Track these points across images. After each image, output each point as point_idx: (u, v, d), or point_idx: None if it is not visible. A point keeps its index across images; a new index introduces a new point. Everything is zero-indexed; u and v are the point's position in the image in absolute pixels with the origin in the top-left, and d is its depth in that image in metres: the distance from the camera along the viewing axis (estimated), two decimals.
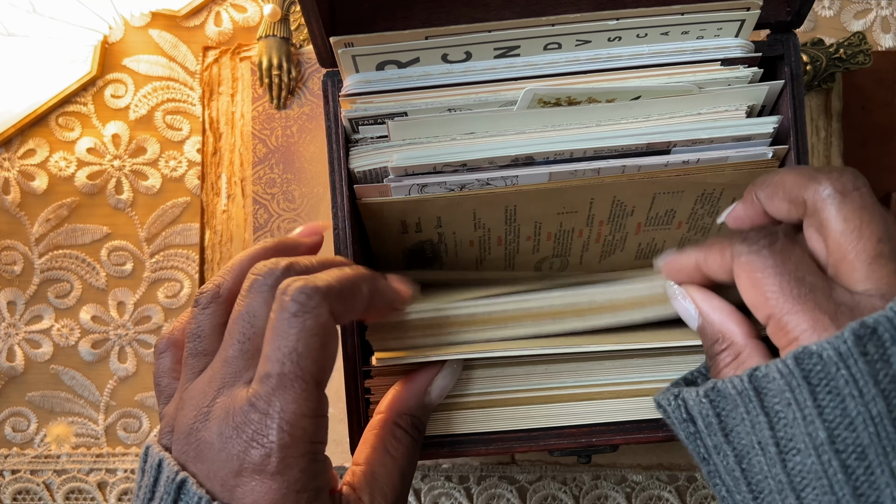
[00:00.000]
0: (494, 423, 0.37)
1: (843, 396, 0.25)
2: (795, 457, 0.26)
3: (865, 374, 0.25)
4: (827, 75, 0.56)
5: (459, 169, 0.37)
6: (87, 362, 0.60)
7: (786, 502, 0.26)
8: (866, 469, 0.25)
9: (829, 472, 0.25)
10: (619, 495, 0.58)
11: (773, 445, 0.26)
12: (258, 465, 0.28)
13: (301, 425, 0.29)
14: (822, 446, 0.25)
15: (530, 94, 0.36)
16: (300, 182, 0.58)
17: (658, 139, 0.36)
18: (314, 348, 0.29)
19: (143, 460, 0.31)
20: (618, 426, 0.37)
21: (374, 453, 0.34)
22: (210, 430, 0.29)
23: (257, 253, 0.33)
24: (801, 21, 0.39)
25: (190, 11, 0.61)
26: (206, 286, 0.32)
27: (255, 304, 0.30)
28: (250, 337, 0.30)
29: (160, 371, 0.34)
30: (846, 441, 0.25)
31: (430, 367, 0.36)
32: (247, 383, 0.30)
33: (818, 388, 0.25)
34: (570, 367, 0.36)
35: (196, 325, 0.32)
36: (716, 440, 0.29)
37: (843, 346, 0.25)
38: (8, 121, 0.59)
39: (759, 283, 0.29)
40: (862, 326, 0.25)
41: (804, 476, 0.26)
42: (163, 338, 0.34)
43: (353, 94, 0.37)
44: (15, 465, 0.59)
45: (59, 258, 0.60)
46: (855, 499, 0.25)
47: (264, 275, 0.30)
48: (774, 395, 0.26)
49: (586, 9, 0.39)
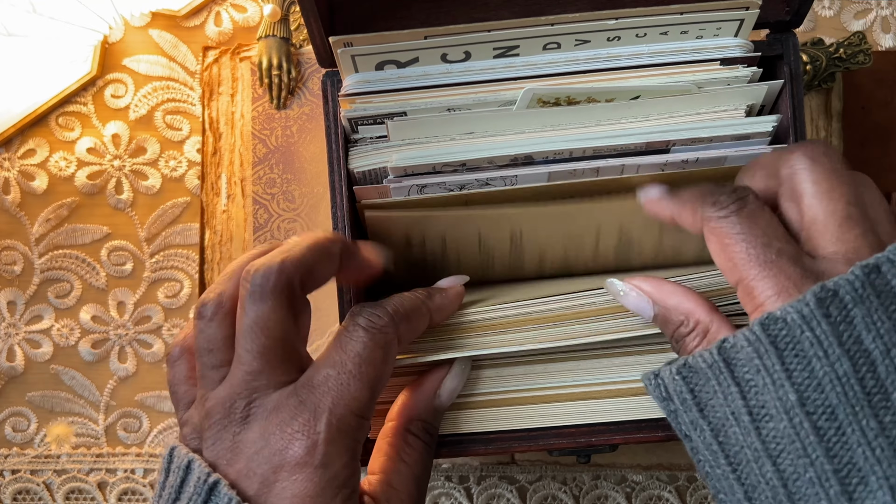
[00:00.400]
0: (494, 423, 0.37)
1: (810, 359, 0.25)
2: (769, 423, 0.26)
3: (829, 336, 0.25)
4: (827, 75, 0.56)
5: (459, 169, 0.37)
6: (87, 362, 0.60)
7: (763, 469, 0.26)
8: (837, 429, 0.25)
9: (802, 435, 0.25)
10: (619, 495, 0.58)
11: (746, 414, 0.27)
12: (302, 457, 0.29)
13: (348, 421, 0.30)
14: (793, 409, 0.25)
15: (529, 93, 0.36)
16: (300, 182, 0.58)
17: (657, 138, 0.36)
18: (377, 358, 0.31)
19: (167, 460, 0.31)
20: (617, 426, 0.37)
21: (388, 462, 0.34)
22: (250, 430, 0.30)
23: (251, 257, 0.33)
24: (800, 21, 0.39)
25: (190, 11, 0.61)
26: (208, 297, 0.32)
27: (261, 311, 0.30)
28: (268, 344, 0.30)
29: (176, 379, 0.34)
30: (816, 402, 0.25)
31: (437, 370, 0.36)
32: (280, 386, 0.30)
33: (785, 352, 0.26)
34: (569, 366, 0.36)
35: (205, 339, 0.32)
36: (692, 416, 0.29)
37: (806, 309, 0.25)
38: (8, 121, 0.59)
39: (727, 249, 0.29)
40: (823, 290, 0.25)
41: (778, 441, 0.26)
42: (175, 345, 0.34)
43: (352, 94, 0.37)
44: (15, 465, 0.59)
45: (59, 258, 0.60)
46: (828, 459, 0.25)
47: (260, 281, 0.30)
48: (744, 364, 0.27)
49: (585, 8, 0.39)
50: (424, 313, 0.34)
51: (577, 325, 0.35)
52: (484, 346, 0.35)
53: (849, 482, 0.24)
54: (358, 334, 0.31)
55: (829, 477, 0.25)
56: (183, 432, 0.32)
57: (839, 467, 0.25)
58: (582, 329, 0.35)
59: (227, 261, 0.58)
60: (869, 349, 0.25)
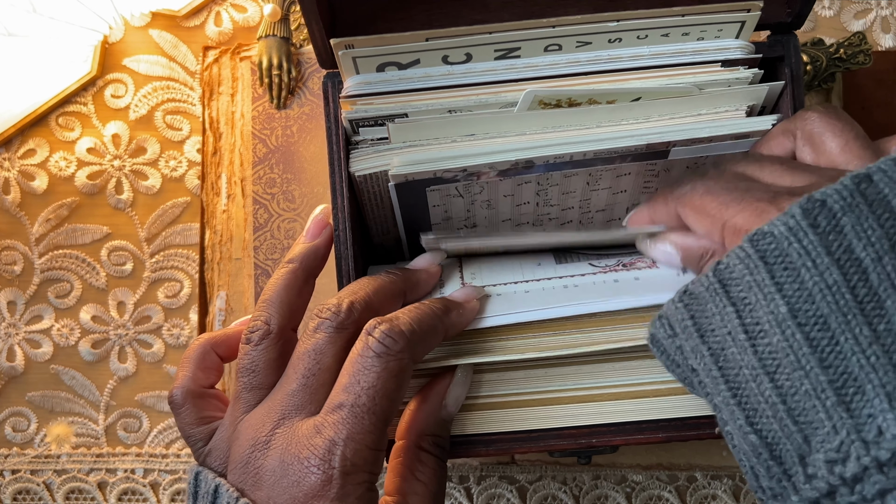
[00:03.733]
0: (494, 424, 0.37)
1: (798, 269, 0.25)
2: (763, 339, 0.26)
3: (817, 245, 0.25)
4: (827, 75, 0.56)
5: (459, 175, 0.37)
6: (87, 362, 0.60)
7: (761, 388, 0.26)
8: (830, 339, 0.24)
9: (795, 347, 0.25)
10: (619, 495, 0.58)
11: (742, 333, 0.26)
12: (318, 490, 0.29)
13: (363, 455, 0.30)
14: (785, 322, 0.25)
15: (531, 95, 0.36)
16: (300, 182, 0.58)
17: (658, 139, 0.36)
18: (391, 388, 0.31)
19: (193, 485, 0.32)
20: (617, 427, 0.37)
21: (403, 482, 0.35)
22: (271, 458, 0.31)
23: (291, 284, 0.36)
24: (801, 22, 0.39)
25: (190, 11, 0.61)
26: (255, 323, 0.34)
27: (321, 343, 0.32)
28: (315, 373, 0.32)
29: (187, 424, 0.35)
30: (807, 314, 0.25)
31: (439, 382, 0.36)
32: (308, 415, 0.31)
33: (774, 265, 0.25)
34: (570, 370, 0.37)
35: (250, 361, 0.34)
36: (693, 343, 0.28)
37: (792, 221, 0.25)
38: (8, 121, 0.59)
39: (701, 210, 0.31)
40: (809, 201, 0.25)
41: (774, 356, 0.25)
42: (175, 388, 0.35)
43: (353, 95, 0.37)
44: (15, 465, 0.59)
45: (59, 258, 0.60)
46: (823, 370, 0.24)
47: (329, 317, 0.33)
48: (737, 282, 0.26)
49: (586, 10, 0.39)
50: (440, 332, 0.34)
51: (578, 335, 0.35)
52: (485, 353, 0.35)
53: (845, 392, 0.24)
54: (373, 363, 0.31)
55: (826, 388, 0.24)
56: (206, 461, 0.33)
57: (834, 377, 0.24)
58: (582, 339, 0.35)
59: (228, 261, 0.58)
60: (860, 257, 0.24)
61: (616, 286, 0.36)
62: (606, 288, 0.36)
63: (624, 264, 0.38)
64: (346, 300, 0.33)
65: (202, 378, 0.36)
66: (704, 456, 0.57)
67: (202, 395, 0.35)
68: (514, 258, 0.40)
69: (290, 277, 0.36)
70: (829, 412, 0.24)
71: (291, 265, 0.36)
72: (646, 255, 0.35)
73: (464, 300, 0.36)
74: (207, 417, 0.35)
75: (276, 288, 0.36)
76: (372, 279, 0.35)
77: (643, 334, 0.35)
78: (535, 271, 0.38)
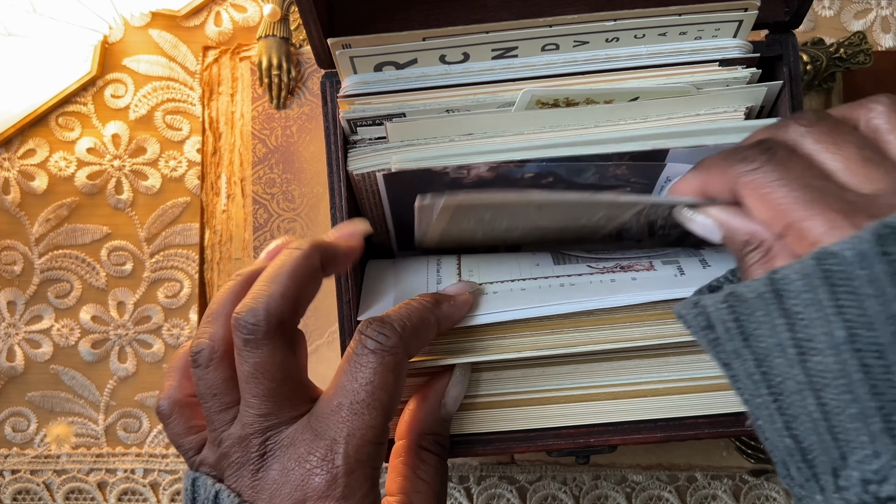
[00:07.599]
0: (492, 424, 0.37)
1: (863, 296, 0.25)
2: (815, 357, 0.25)
3: (885, 274, 0.24)
4: (827, 75, 0.56)
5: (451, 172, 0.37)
6: (87, 362, 0.60)
7: (805, 402, 0.26)
8: (885, 368, 0.24)
9: (848, 371, 0.25)
10: (619, 495, 0.58)
11: (792, 347, 0.26)
12: (323, 491, 0.29)
13: (366, 451, 0.30)
14: (842, 346, 0.25)
15: (528, 95, 0.36)
16: (300, 182, 0.58)
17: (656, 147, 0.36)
18: (389, 382, 0.31)
19: (190, 491, 0.32)
20: (615, 427, 0.37)
21: (405, 482, 0.35)
22: (270, 469, 0.30)
23: (232, 293, 0.34)
24: (799, 21, 0.39)
25: (190, 11, 0.61)
26: (199, 343, 0.33)
27: (259, 357, 0.31)
28: (272, 387, 0.31)
29: (176, 434, 0.34)
30: (865, 341, 0.25)
31: (438, 381, 0.36)
32: (294, 419, 0.31)
33: (838, 287, 0.25)
34: (568, 370, 0.37)
35: (206, 386, 0.32)
36: (735, 344, 0.28)
37: (864, 246, 0.24)
38: (8, 121, 0.59)
39: (767, 199, 0.28)
40: (884, 226, 0.24)
41: (824, 376, 0.25)
42: (162, 399, 0.34)
43: (351, 95, 0.37)
44: (15, 465, 0.60)
45: (59, 258, 0.60)
46: (873, 396, 0.24)
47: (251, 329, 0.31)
48: (793, 296, 0.26)
49: (584, 10, 0.39)
50: (433, 324, 0.34)
51: (575, 334, 0.35)
52: (482, 352, 0.35)
53: (892, 420, 0.24)
54: (368, 360, 0.31)
55: (873, 414, 0.24)
56: (200, 470, 0.33)
57: (882, 405, 0.24)
58: (580, 338, 0.35)
59: (227, 261, 0.58)
60: None
61: (613, 285, 0.36)
62: (603, 287, 0.36)
63: (622, 266, 0.38)
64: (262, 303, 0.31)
65: (188, 387, 0.35)
66: (704, 456, 0.57)
67: (189, 403, 0.34)
68: (512, 257, 0.40)
69: (232, 284, 0.34)
70: (873, 437, 0.24)
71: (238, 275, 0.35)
72: (681, 223, 0.33)
73: (455, 293, 0.36)
74: (197, 426, 0.34)
75: (218, 299, 0.34)
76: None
77: (641, 334, 0.35)
78: (533, 270, 0.38)
